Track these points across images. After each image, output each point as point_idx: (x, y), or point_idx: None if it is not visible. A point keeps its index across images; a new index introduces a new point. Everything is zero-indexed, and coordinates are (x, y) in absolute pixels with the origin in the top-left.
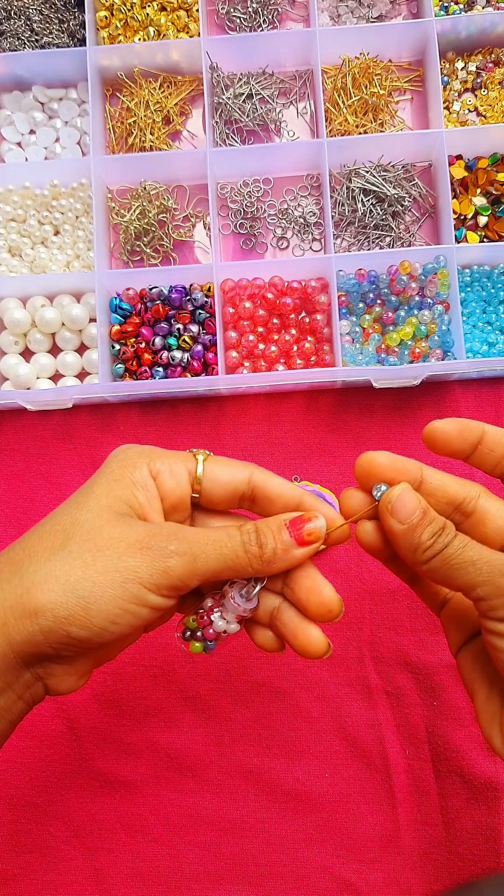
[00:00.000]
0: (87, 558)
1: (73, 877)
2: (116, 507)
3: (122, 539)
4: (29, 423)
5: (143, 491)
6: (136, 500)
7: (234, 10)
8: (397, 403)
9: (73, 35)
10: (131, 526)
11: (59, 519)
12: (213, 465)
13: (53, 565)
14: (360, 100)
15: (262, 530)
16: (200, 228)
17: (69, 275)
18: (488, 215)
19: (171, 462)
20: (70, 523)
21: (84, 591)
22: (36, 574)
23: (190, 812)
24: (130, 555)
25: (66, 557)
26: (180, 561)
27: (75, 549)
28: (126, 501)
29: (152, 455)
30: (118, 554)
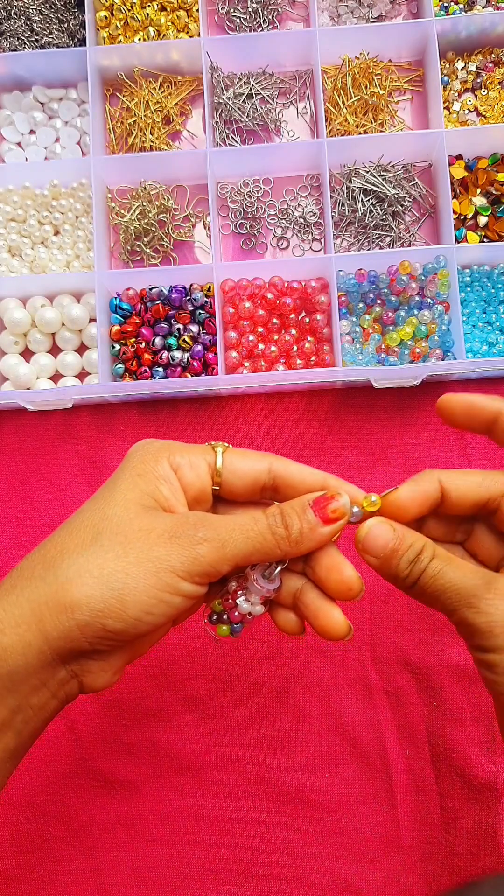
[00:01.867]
0: (118, 551)
1: (73, 877)
2: (143, 500)
3: (152, 530)
4: (29, 423)
5: (166, 484)
6: (160, 494)
7: (234, 10)
8: (397, 403)
9: (73, 35)
10: (159, 517)
11: (88, 515)
12: (232, 456)
13: (86, 560)
14: (360, 100)
15: (287, 511)
16: (200, 228)
17: (69, 275)
18: (488, 215)
19: (190, 455)
20: (99, 518)
21: (118, 582)
22: (70, 569)
23: (190, 812)
24: (161, 544)
25: (98, 551)
26: (210, 547)
27: (106, 543)
28: (151, 495)
29: (172, 449)
30: (149, 545)
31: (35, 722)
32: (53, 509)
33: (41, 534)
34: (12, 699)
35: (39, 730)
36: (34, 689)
